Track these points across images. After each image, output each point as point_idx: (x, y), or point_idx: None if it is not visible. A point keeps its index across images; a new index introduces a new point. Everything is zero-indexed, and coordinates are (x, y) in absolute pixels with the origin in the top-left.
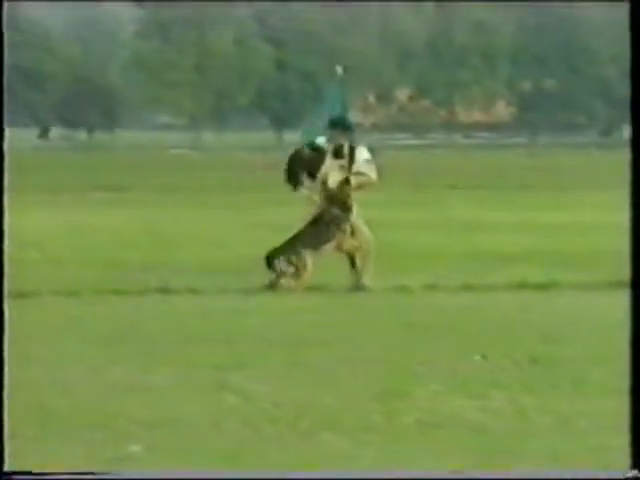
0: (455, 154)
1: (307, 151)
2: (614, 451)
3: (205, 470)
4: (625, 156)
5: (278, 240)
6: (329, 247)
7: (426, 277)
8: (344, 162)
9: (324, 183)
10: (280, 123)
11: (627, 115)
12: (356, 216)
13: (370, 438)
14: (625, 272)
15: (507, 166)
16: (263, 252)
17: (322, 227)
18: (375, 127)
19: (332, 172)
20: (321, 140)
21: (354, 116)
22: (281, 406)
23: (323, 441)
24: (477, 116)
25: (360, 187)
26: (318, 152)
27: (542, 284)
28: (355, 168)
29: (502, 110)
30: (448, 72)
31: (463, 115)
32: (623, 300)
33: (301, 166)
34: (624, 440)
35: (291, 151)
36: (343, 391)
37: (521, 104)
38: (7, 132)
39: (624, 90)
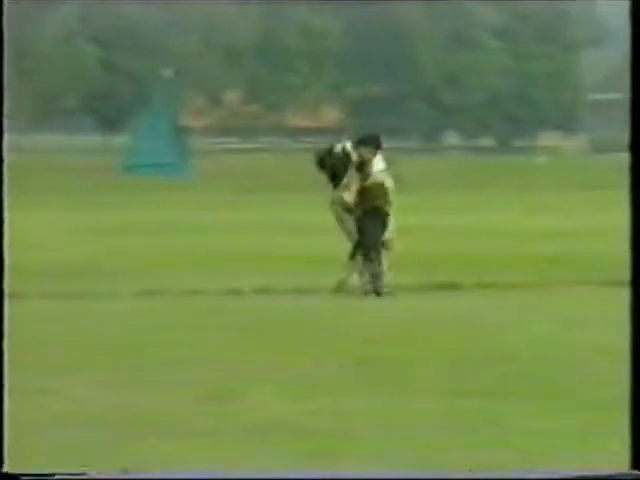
0: (286, 158)
1: (339, 154)
2: (440, 451)
3: (205, 470)
4: (449, 161)
5: (103, 244)
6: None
7: (257, 280)
8: (364, 175)
9: (342, 195)
10: (108, 126)
11: (451, 120)
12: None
13: (200, 441)
14: (451, 274)
15: None
16: (85, 256)
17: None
18: (205, 130)
19: (352, 186)
20: (348, 145)
21: (184, 119)
22: (110, 411)
23: (153, 445)
24: (306, 121)
25: (377, 193)
26: (346, 157)
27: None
28: (372, 179)
29: (330, 115)
30: (276, 76)
31: (292, 119)
32: (447, 302)
33: (330, 166)
34: (450, 439)
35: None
36: (172, 395)
37: (348, 109)
38: None
39: (447, 95)
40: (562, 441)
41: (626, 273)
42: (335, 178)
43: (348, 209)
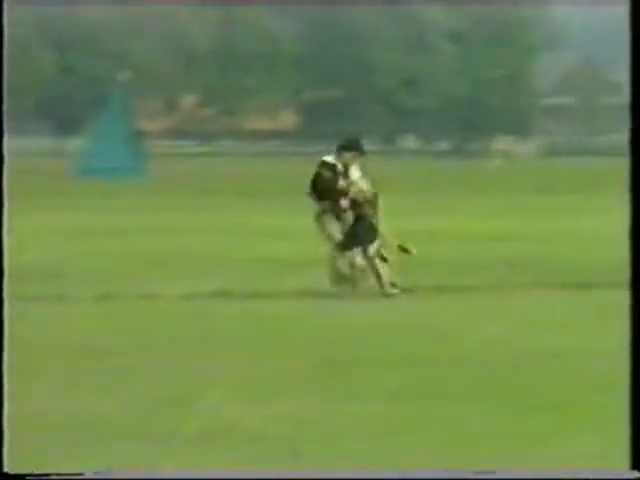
0: (243, 162)
1: (327, 172)
2: (395, 453)
3: (205, 470)
4: (405, 164)
5: (58, 247)
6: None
7: (214, 284)
8: (349, 181)
9: (338, 202)
10: (64, 129)
11: (407, 124)
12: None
13: (152, 446)
14: (407, 277)
15: (293, 174)
16: (42, 259)
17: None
18: (162, 134)
19: (343, 193)
20: (331, 158)
21: (141, 123)
22: (61, 415)
23: (106, 449)
24: (263, 124)
25: (361, 200)
26: (331, 170)
27: (330, 291)
28: (355, 186)
29: (288, 118)
30: (233, 79)
31: (249, 123)
32: (403, 305)
33: (324, 187)
34: (403, 441)
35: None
36: (126, 399)
37: (307, 113)
38: None
39: (404, 99)
40: (516, 442)
41: (582, 276)
42: (324, 192)
43: (339, 216)
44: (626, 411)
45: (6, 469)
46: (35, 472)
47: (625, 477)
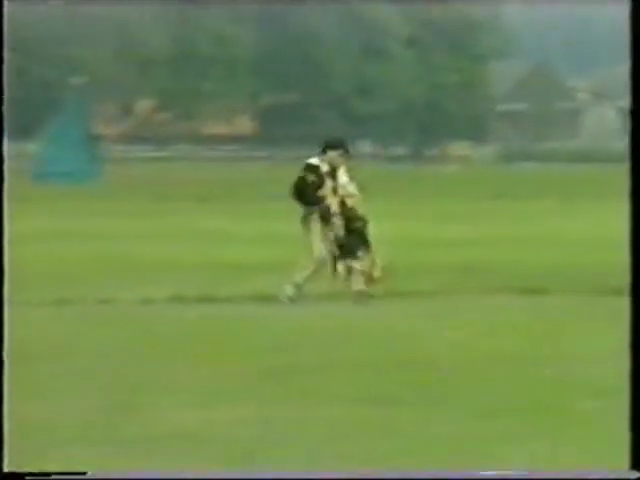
0: (199, 167)
1: (311, 176)
2: (350, 458)
3: (204, 470)
4: (362, 169)
5: (11, 252)
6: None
7: (169, 288)
8: (335, 184)
9: (326, 205)
10: (18, 133)
11: (364, 129)
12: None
13: (99, 450)
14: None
15: (249, 179)
16: None
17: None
18: (118, 138)
19: (330, 196)
20: (315, 160)
21: (97, 127)
22: (16, 419)
23: (62, 456)
24: (219, 129)
25: (352, 206)
26: (316, 173)
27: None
28: (342, 190)
29: (244, 123)
30: (189, 84)
31: (205, 127)
32: (358, 310)
33: (308, 191)
34: (355, 447)
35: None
36: (75, 405)
37: (263, 117)
38: None
39: (360, 104)
40: (466, 447)
41: (538, 281)
42: (309, 195)
43: (325, 220)
44: (586, 414)
45: (6, 468)
46: (35, 472)
47: (625, 477)
